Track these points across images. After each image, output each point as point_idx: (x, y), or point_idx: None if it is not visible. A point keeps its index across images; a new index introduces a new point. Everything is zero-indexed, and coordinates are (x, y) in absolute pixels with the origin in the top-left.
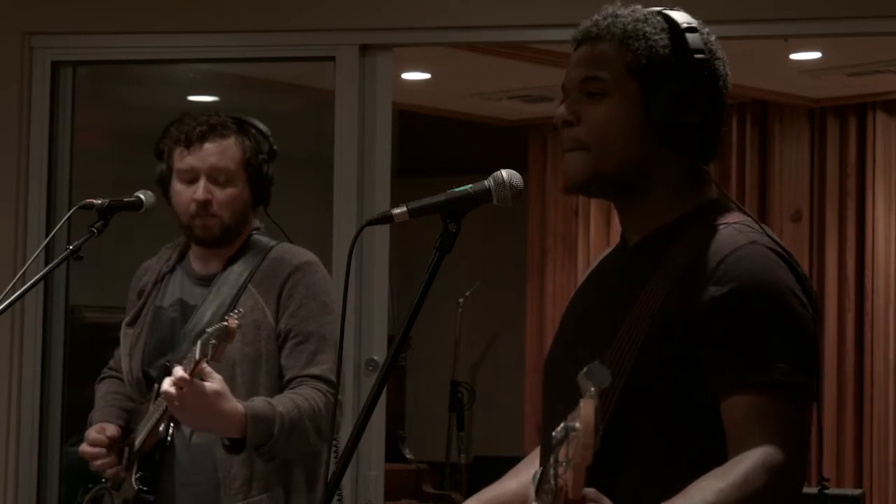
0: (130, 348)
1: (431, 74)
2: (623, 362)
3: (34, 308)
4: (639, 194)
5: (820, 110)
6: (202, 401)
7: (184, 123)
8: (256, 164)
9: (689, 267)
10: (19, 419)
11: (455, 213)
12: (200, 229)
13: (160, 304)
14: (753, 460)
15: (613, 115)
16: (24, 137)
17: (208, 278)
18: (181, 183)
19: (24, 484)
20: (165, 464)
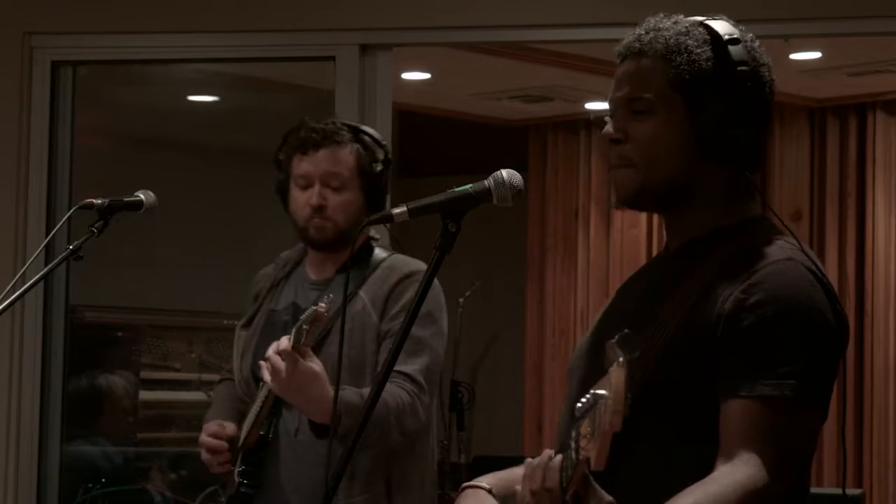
0: (243, 350)
1: (431, 74)
2: (645, 362)
3: (34, 308)
4: (685, 205)
5: (820, 110)
6: (300, 377)
7: (300, 131)
8: (371, 171)
9: (721, 274)
10: (19, 418)
11: (455, 213)
12: (315, 231)
13: (274, 308)
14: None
15: (660, 133)
16: (23, 137)
17: (322, 283)
18: (297, 188)
19: (23, 483)
20: (269, 459)
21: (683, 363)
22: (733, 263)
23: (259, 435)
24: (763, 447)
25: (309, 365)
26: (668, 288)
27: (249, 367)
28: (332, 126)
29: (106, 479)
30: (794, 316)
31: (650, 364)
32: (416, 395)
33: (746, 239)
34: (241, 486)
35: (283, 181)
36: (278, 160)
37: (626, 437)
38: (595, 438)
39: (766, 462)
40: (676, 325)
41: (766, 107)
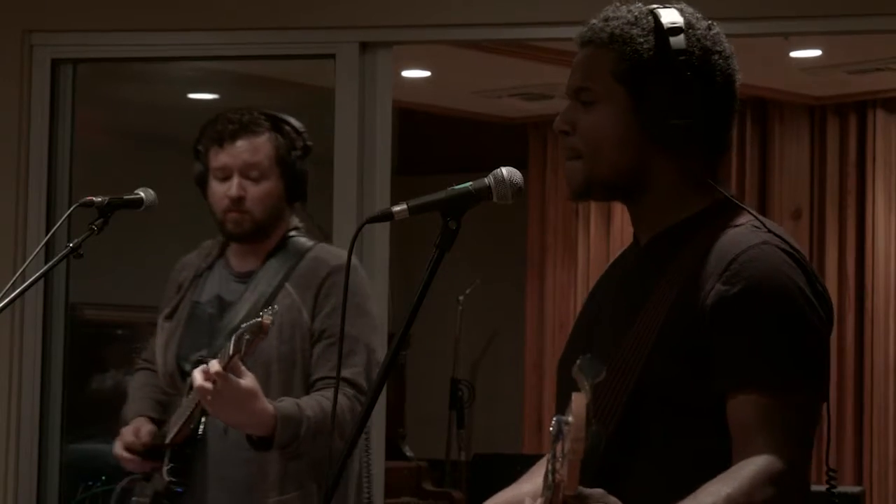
0: (166, 341)
1: (432, 72)
2: (634, 361)
3: (34, 305)
4: (641, 196)
5: (820, 108)
6: (235, 396)
7: (217, 122)
8: (290, 160)
9: (699, 266)
10: (19, 416)
11: (455, 211)
12: (233, 225)
13: (198, 300)
14: (758, 468)
15: (603, 123)
16: (24, 135)
17: (246, 275)
18: (216, 181)
19: (24, 481)
20: (197, 457)
21: (672, 362)
22: (707, 255)
23: (188, 433)
24: (775, 437)
25: (241, 383)
26: (645, 286)
27: (174, 361)
28: (250, 116)
29: (106, 476)
30: (777, 302)
31: (638, 366)
32: (356, 398)
33: (714, 228)
34: (171, 483)
35: (202, 173)
36: (197, 151)
37: (625, 440)
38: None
39: (782, 450)
40: (661, 326)
41: (718, 96)
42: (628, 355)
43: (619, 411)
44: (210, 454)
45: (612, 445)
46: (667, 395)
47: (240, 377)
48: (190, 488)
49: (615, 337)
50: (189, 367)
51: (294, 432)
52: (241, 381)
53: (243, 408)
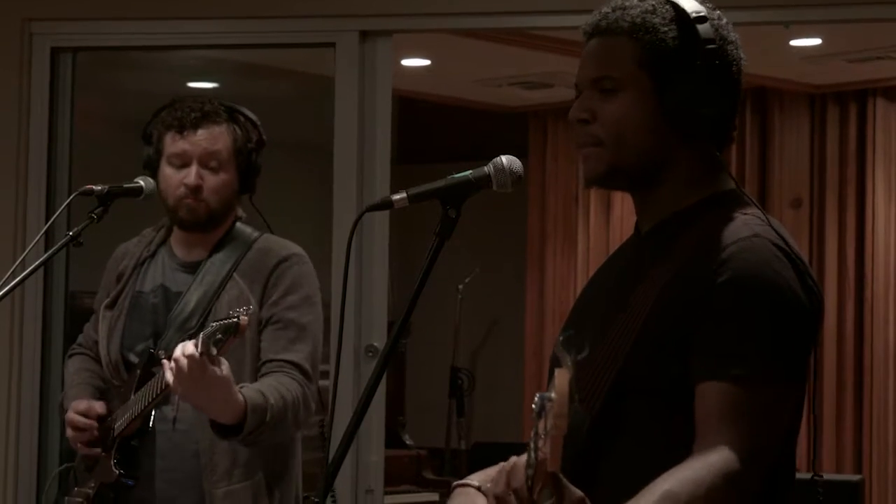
0: (109, 331)
1: (431, 61)
2: (621, 345)
3: (34, 293)
4: (656, 185)
5: (820, 96)
6: (210, 383)
7: (176, 109)
8: (246, 152)
9: (691, 256)
10: (19, 404)
11: (455, 199)
12: (187, 212)
13: (140, 289)
14: (712, 464)
15: (628, 112)
16: (23, 123)
17: (192, 265)
18: (171, 167)
19: (23, 469)
20: (144, 450)
21: (658, 347)
22: (701, 244)
23: (139, 426)
24: (737, 429)
25: (217, 371)
26: (640, 272)
27: (118, 351)
28: (210, 105)
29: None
30: (761, 295)
31: (625, 350)
32: (306, 385)
33: (713, 217)
34: (122, 476)
35: (154, 158)
36: (147, 135)
37: (607, 422)
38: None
39: (741, 443)
40: (649, 310)
41: (733, 85)
42: (616, 339)
43: (604, 394)
44: (158, 447)
45: (595, 427)
46: (649, 379)
47: (216, 365)
48: (139, 481)
49: (605, 321)
50: (135, 358)
51: (260, 420)
52: (215, 369)
53: (216, 394)
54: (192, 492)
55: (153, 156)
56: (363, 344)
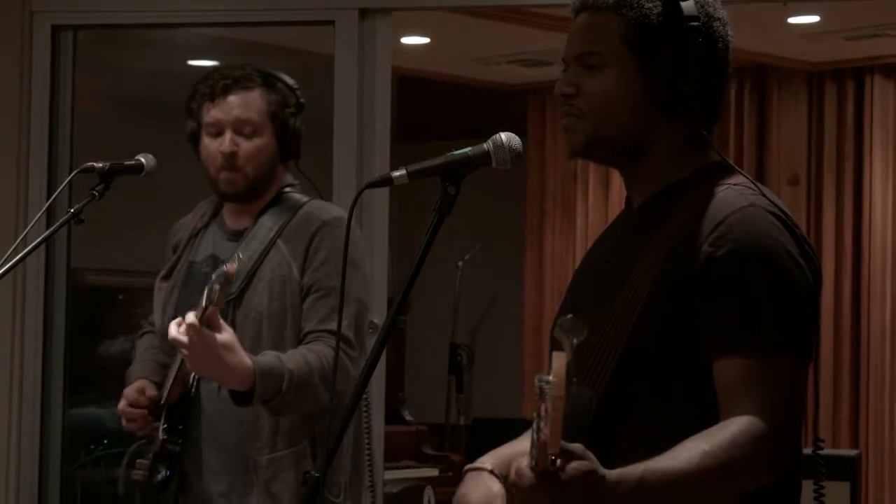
0: (164, 302)
1: (431, 39)
2: (623, 323)
3: (36, 270)
4: (639, 159)
5: (818, 74)
6: (210, 351)
7: (209, 78)
8: (282, 116)
9: (688, 229)
10: (21, 380)
11: (454, 176)
12: (225, 184)
13: (194, 259)
14: (740, 427)
15: (611, 87)
16: (24, 101)
17: (239, 233)
18: (208, 137)
19: (26, 444)
20: (192, 416)
21: (662, 323)
22: (697, 217)
23: (181, 391)
24: (759, 398)
25: (216, 336)
26: (636, 248)
27: (171, 320)
28: (242, 71)
29: (108, 440)
30: (763, 265)
31: (629, 327)
32: (345, 351)
33: (705, 189)
34: (166, 442)
35: (195, 130)
36: (189, 109)
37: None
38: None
39: (765, 410)
40: (650, 286)
41: (719, 62)
42: (618, 317)
43: (609, 373)
44: (204, 413)
45: (602, 407)
46: (655, 355)
47: (217, 331)
48: (185, 447)
49: (605, 299)
50: None
51: (276, 386)
52: (216, 334)
53: (219, 360)
54: (238, 458)
55: (195, 128)
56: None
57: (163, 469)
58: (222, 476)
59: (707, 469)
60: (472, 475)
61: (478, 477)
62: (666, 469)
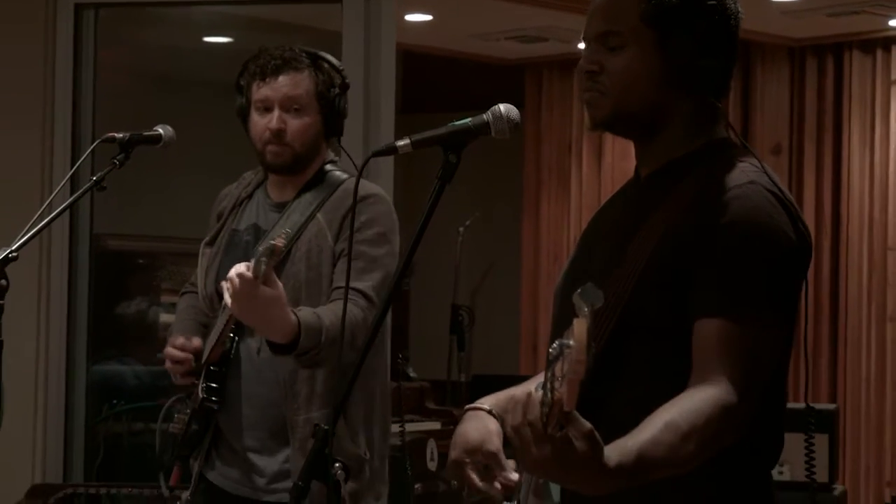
0: (207, 267)
1: (433, 16)
2: (625, 285)
3: (60, 236)
4: (656, 132)
5: (799, 49)
6: (259, 302)
7: (260, 58)
8: (329, 95)
9: (692, 200)
10: (48, 340)
11: (455, 145)
12: (272, 156)
13: (236, 228)
14: (712, 398)
15: (632, 65)
16: (49, 76)
17: (282, 205)
18: (257, 113)
19: (52, 400)
20: (231, 375)
21: (661, 286)
22: (701, 190)
23: (221, 352)
24: (733, 364)
25: (267, 289)
26: (641, 216)
27: (213, 284)
28: (291, 52)
29: (128, 396)
30: (757, 238)
31: (628, 289)
32: (369, 311)
33: (711, 164)
34: (205, 400)
35: (244, 106)
36: (239, 85)
37: (611, 362)
38: (564, 383)
39: (736, 377)
40: (651, 251)
41: (731, 38)
42: (619, 280)
43: (607, 333)
44: (243, 374)
45: (599, 366)
46: (651, 317)
47: (269, 285)
48: (224, 405)
49: (608, 263)
50: None
51: (315, 341)
52: (265, 288)
53: (265, 312)
54: (274, 416)
55: (244, 105)
56: None
57: (200, 424)
58: (257, 433)
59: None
60: (471, 414)
61: (476, 416)
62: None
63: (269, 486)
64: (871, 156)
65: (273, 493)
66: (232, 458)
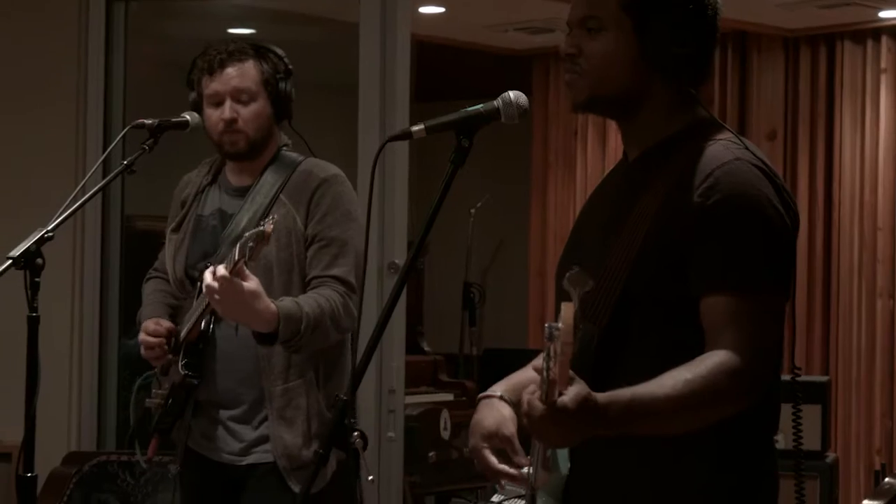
0: (175, 252)
1: (446, 8)
2: (622, 265)
3: (94, 217)
4: (635, 113)
5: (793, 40)
6: (240, 298)
7: (207, 54)
8: (274, 82)
9: (680, 180)
10: (82, 315)
11: (468, 130)
12: (229, 145)
13: (201, 213)
14: (719, 360)
15: (610, 49)
16: (82, 66)
17: (243, 189)
18: (210, 107)
19: (86, 374)
20: (208, 352)
21: (656, 265)
22: (688, 169)
23: (199, 332)
24: (739, 333)
25: (245, 285)
26: (633, 196)
27: (183, 268)
28: (235, 45)
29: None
30: (749, 212)
31: (625, 269)
32: (348, 295)
33: (695, 144)
34: (186, 376)
35: (197, 101)
36: (190, 81)
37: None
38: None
39: (744, 346)
40: (646, 231)
41: (708, 27)
42: (617, 260)
43: (611, 309)
44: (220, 350)
45: (603, 340)
46: (651, 294)
47: (244, 280)
48: (203, 380)
49: (605, 243)
50: (197, 273)
51: (295, 328)
52: (244, 284)
53: (247, 307)
54: (253, 388)
55: (197, 99)
56: (386, 261)
57: (179, 398)
58: (237, 403)
59: (686, 396)
60: (485, 402)
61: (490, 403)
62: (650, 394)
63: (248, 451)
64: (861, 140)
65: (251, 455)
66: (212, 428)
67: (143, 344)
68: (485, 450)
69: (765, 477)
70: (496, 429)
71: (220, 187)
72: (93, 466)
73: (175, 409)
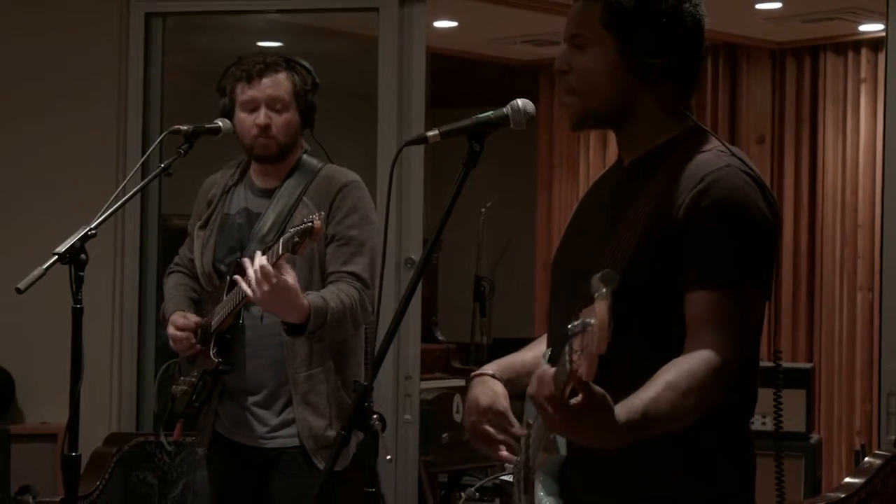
0: (202, 248)
1: (458, 23)
2: (620, 260)
3: (133, 216)
4: (627, 122)
5: (780, 52)
6: (279, 292)
7: (243, 64)
8: (304, 94)
9: (672, 184)
10: (122, 306)
11: (479, 135)
12: (261, 148)
13: (227, 212)
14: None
15: (594, 64)
16: (123, 77)
17: (268, 191)
18: (244, 112)
19: (126, 361)
20: (237, 341)
21: (648, 265)
22: (681, 174)
23: (231, 322)
24: (721, 330)
25: (285, 279)
26: (627, 199)
27: (211, 263)
28: (271, 58)
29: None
30: (737, 216)
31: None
32: (364, 291)
33: (686, 151)
34: (220, 364)
35: (229, 106)
36: (222, 88)
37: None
38: (585, 357)
39: (725, 342)
40: (639, 234)
41: (688, 38)
42: (612, 259)
43: None
44: (248, 339)
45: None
46: (644, 292)
47: (283, 275)
48: (233, 367)
49: (599, 244)
50: (225, 268)
51: (321, 321)
52: (283, 278)
53: (285, 300)
54: (278, 375)
55: (228, 105)
56: (403, 257)
57: (208, 385)
58: (259, 388)
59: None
60: (478, 380)
61: (483, 381)
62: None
63: (271, 434)
64: (843, 145)
65: (274, 439)
66: (238, 412)
67: (172, 337)
68: (484, 425)
69: (743, 457)
70: (490, 405)
71: (245, 188)
72: (132, 446)
73: (203, 395)
